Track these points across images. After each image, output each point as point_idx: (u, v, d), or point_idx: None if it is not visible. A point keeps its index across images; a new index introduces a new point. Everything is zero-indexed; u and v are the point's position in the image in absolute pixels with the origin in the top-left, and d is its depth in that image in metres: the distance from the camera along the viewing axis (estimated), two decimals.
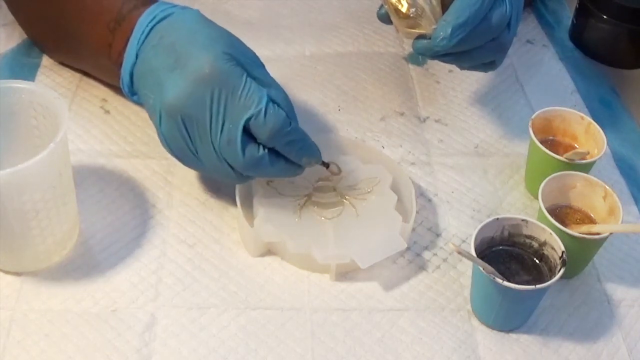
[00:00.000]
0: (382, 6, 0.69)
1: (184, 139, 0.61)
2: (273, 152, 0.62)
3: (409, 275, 0.66)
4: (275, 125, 0.60)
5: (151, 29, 0.64)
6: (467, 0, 0.63)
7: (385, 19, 0.69)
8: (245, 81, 0.60)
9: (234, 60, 0.60)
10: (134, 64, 0.64)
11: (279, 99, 0.62)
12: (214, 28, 0.63)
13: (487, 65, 0.71)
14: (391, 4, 0.66)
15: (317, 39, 0.91)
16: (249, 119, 0.59)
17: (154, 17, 0.64)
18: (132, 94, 0.66)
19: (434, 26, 0.65)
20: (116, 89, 0.80)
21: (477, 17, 0.63)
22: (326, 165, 0.68)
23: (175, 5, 0.66)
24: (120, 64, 0.66)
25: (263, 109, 0.59)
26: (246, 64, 0.61)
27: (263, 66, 0.64)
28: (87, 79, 0.81)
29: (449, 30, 0.63)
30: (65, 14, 0.73)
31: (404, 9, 0.66)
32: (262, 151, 0.61)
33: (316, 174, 0.69)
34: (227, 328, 0.61)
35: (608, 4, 0.88)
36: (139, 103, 0.66)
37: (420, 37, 0.66)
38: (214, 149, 0.60)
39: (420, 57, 0.88)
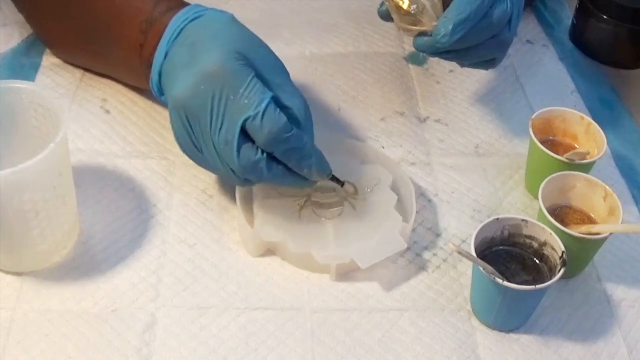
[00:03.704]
0: (382, 3, 0.68)
1: (189, 135, 0.61)
2: (273, 158, 0.60)
3: (409, 275, 0.66)
4: (271, 129, 0.58)
5: (182, 29, 0.64)
6: None
7: (385, 16, 0.69)
8: (250, 81, 0.59)
9: (245, 60, 0.59)
10: (162, 62, 0.65)
11: (293, 106, 0.60)
12: (239, 29, 0.63)
13: (488, 63, 0.71)
14: (392, 1, 0.66)
15: (317, 39, 0.91)
16: (245, 120, 0.58)
17: (186, 18, 0.65)
18: (160, 93, 0.66)
19: (434, 23, 0.65)
20: (116, 89, 0.80)
21: (478, 13, 0.63)
22: (340, 183, 0.66)
23: (208, 8, 0.65)
24: (151, 64, 0.66)
25: (261, 111, 0.58)
26: (261, 66, 0.60)
27: (285, 74, 0.63)
28: (87, 79, 0.81)
29: (450, 27, 0.63)
30: (93, 14, 0.72)
31: (405, 6, 0.65)
32: (260, 155, 0.59)
33: None
34: (227, 328, 0.61)
35: (608, 4, 0.88)
36: (165, 104, 0.66)
37: (421, 34, 0.66)
38: (215, 148, 0.60)
39: (421, 55, 0.88)
